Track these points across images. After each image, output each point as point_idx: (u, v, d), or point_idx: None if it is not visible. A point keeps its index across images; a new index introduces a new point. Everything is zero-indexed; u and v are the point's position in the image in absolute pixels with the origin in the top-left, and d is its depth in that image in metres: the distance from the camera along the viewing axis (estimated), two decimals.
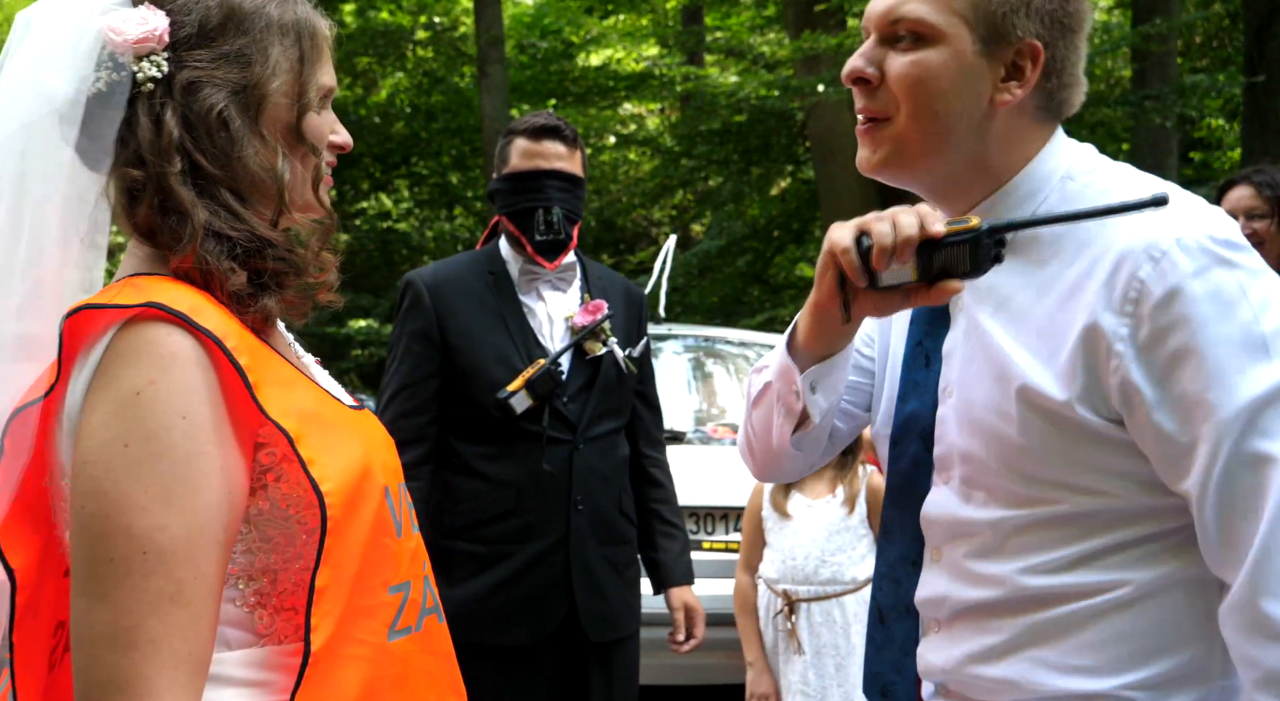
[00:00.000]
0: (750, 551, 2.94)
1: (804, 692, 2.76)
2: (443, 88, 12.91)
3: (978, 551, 1.15)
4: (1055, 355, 1.08)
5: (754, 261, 12.08)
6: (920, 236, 1.08)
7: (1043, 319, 1.10)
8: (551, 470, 2.24)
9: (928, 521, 1.21)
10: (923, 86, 1.13)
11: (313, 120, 1.07)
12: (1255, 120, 7.80)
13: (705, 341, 5.47)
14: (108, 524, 0.90)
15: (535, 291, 2.37)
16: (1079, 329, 1.07)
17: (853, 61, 1.17)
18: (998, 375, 1.12)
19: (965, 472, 1.16)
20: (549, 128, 2.31)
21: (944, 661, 1.19)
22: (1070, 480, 1.09)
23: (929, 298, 1.11)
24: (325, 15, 1.12)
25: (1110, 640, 1.09)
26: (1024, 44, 1.13)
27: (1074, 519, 1.10)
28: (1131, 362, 1.04)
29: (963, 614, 1.17)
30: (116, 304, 0.94)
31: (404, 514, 1.08)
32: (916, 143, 1.15)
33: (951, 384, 1.18)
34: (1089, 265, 1.08)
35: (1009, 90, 1.14)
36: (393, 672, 1.01)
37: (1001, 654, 1.14)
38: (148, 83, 1.00)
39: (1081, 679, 1.09)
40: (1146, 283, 1.03)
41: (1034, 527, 1.12)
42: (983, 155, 1.16)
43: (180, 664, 0.90)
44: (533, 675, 2.24)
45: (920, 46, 1.13)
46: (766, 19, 12.62)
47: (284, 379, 1.01)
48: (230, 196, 1.02)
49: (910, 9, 1.13)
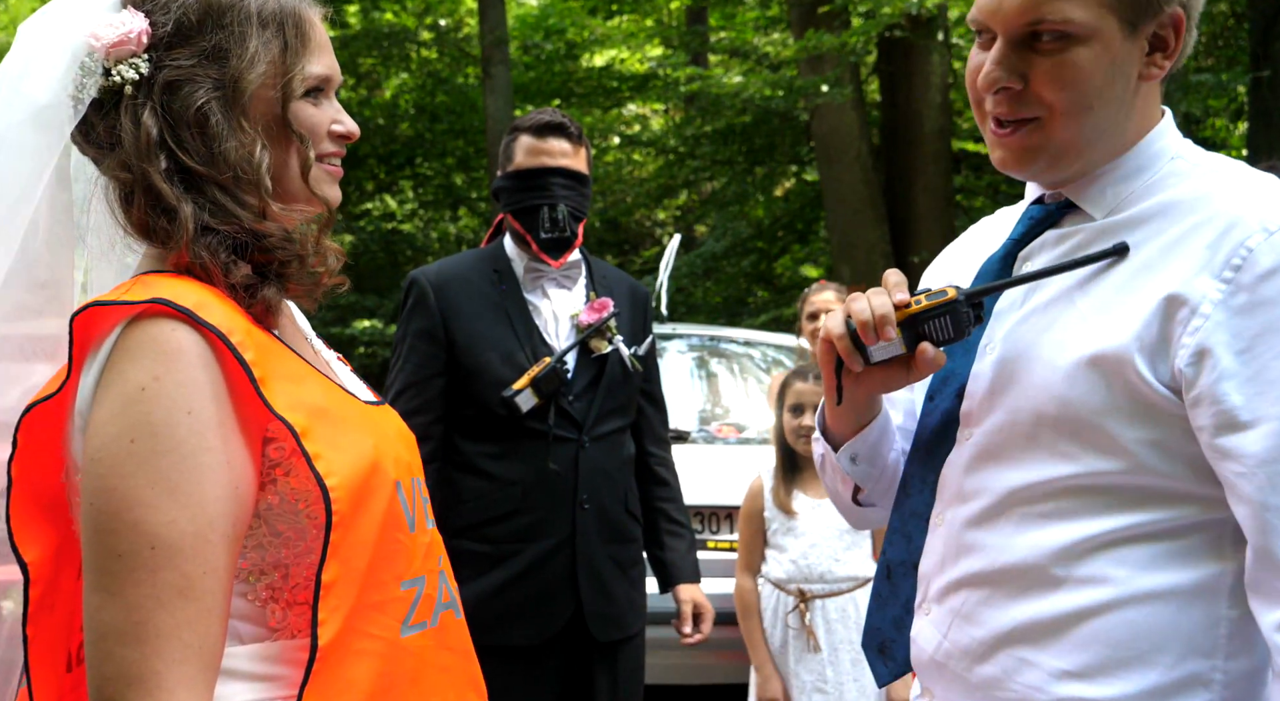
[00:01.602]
0: (750, 553, 2.92)
1: (821, 690, 2.75)
2: (447, 88, 12.92)
3: (979, 516, 1.13)
4: (1125, 310, 1.06)
5: (758, 262, 12.08)
6: (896, 305, 1.14)
7: (1119, 280, 1.08)
8: (557, 468, 2.24)
9: (944, 480, 1.19)
10: (1078, 87, 1.09)
11: (301, 109, 1.07)
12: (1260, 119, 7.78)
13: (710, 341, 5.47)
14: (115, 519, 0.91)
15: (540, 289, 2.37)
16: (1162, 288, 1.04)
17: (991, 72, 1.11)
18: (1054, 328, 1.10)
19: (991, 430, 1.13)
20: (554, 125, 2.31)
21: (932, 654, 1.17)
22: (1108, 444, 1.05)
23: (917, 367, 1.16)
24: (317, 3, 1.12)
25: (1102, 642, 1.06)
26: (1172, 14, 1.10)
27: (1099, 491, 1.07)
28: (1217, 327, 1.01)
29: (955, 588, 1.15)
30: (124, 300, 0.96)
31: (418, 509, 1.08)
32: (1073, 140, 1.11)
33: (996, 340, 1.16)
34: (1185, 232, 1.06)
35: (1156, 63, 1.11)
36: (406, 668, 1.02)
37: (990, 649, 1.11)
38: (127, 86, 1.01)
39: (1072, 683, 1.06)
40: (1255, 252, 1.01)
41: (1052, 496, 1.08)
42: (1124, 132, 1.14)
43: (191, 657, 0.91)
44: (538, 674, 2.24)
45: (1068, 45, 1.08)
46: (770, 19, 12.61)
47: (292, 374, 1.02)
48: (218, 191, 1.03)
49: (1055, 9, 1.07)
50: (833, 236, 9.65)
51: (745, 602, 2.89)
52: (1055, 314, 1.12)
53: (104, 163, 1.04)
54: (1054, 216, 1.19)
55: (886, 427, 1.32)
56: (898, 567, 1.25)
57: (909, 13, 7.98)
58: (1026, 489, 1.10)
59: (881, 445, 1.31)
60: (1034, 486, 1.10)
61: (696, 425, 4.75)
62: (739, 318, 10.67)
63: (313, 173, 1.08)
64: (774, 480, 2.91)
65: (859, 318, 1.14)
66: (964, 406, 1.18)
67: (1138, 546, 1.06)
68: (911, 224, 9.27)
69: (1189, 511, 1.06)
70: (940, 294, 1.14)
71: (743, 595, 2.90)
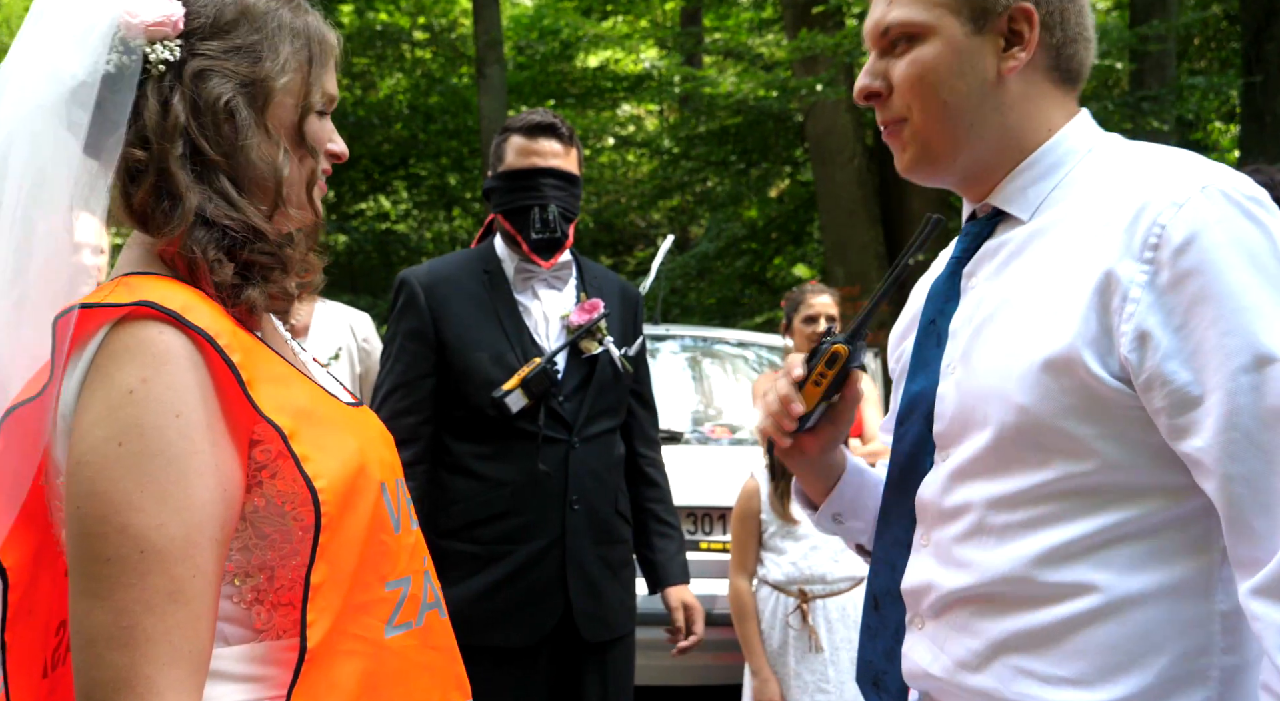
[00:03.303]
0: (745, 556, 2.90)
1: (822, 690, 2.75)
2: (441, 88, 12.91)
3: (965, 534, 1.13)
4: (1065, 309, 1.06)
5: (752, 263, 12.09)
6: (793, 381, 1.27)
7: (1052, 275, 1.10)
8: (547, 469, 2.23)
9: (922, 504, 1.20)
10: (924, 81, 1.16)
11: (314, 123, 1.10)
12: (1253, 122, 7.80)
13: (703, 341, 5.46)
14: (104, 523, 0.90)
15: (531, 290, 2.36)
16: (1092, 280, 1.04)
17: (860, 81, 1.21)
18: (1004, 338, 1.11)
19: (963, 448, 1.14)
20: (545, 125, 2.30)
21: (928, 667, 1.17)
22: (1072, 446, 1.06)
23: (845, 403, 1.29)
24: (331, 26, 1.15)
25: (1098, 648, 1.05)
26: (1013, 9, 1.15)
27: (1073, 494, 1.07)
28: (1149, 309, 1.01)
29: (948, 605, 1.15)
30: (109, 303, 0.95)
31: (402, 510, 1.08)
32: (938, 135, 1.18)
33: (955, 360, 1.17)
34: (1104, 219, 1.07)
35: (1013, 57, 1.16)
36: (391, 667, 1.02)
37: (985, 659, 1.11)
38: (159, 66, 1.01)
39: (1070, 690, 1.06)
40: (1168, 228, 1.01)
41: (1028, 503, 1.09)
42: (1004, 127, 1.17)
43: (180, 661, 0.91)
44: (528, 675, 2.23)
45: (913, 46, 1.16)
46: (765, 20, 12.63)
47: (278, 376, 1.01)
48: (228, 184, 1.04)
49: (894, 15, 1.16)
50: (826, 237, 9.66)
51: (741, 605, 2.87)
52: (1002, 323, 1.13)
53: (112, 140, 1.02)
54: (987, 228, 1.22)
55: (863, 482, 1.36)
56: (884, 597, 1.26)
57: None
58: (1004, 500, 1.10)
59: (860, 498, 1.36)
60: (1011, 497, 1.10)
61: (690, 426, 4.75)
62: (732, 318, 10.67)
63: (315, 186, 1.11)
64: (769, 486, 2.90)
65: (767, 411, 1.29)
66: (935, 428, 1.19)
67: (1118, 549, 1.06)
68: (905, 225, 9.28)
69: (1161, 505, 1.06)
70: (832, 357, 1.25)
71: (739, 597, 2.88)
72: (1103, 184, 1.12)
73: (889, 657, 1.24)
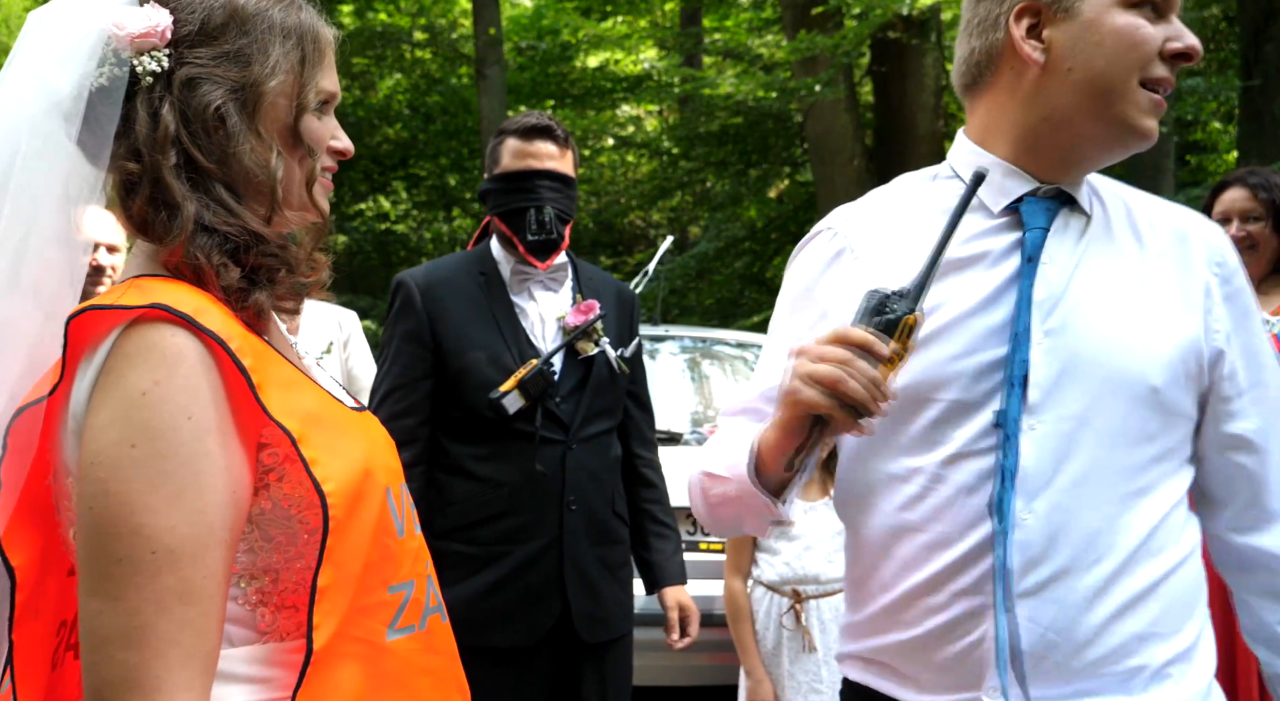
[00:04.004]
0: (739, 556, 2.91)
1: (815, 690, 2.75)
2: (441, 89, 12.92)
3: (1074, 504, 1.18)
4: (1183, 302, 1.24)
5: (751, 263, 12.09)
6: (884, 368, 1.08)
7: (1148, 268, 1.25)
8: (544, 470, 2.24)
9: (1024, 474, 1.16)
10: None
11: (310, 122, 1.09)
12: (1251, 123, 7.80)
13: (702, 342, 5.47)
14: (116, 524, 0.91)
15: (527, 291, 2.36)
16: (1198, 281, 1.25)
17: (1191, 40, 1.21)
18: (1121, 319, 1.21)
19: (1068, 417, 1.18)
20: (540, 127, 2.31)
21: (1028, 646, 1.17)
22: (1177, 418, 1.22)
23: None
24: (329, 22, 1.14)
25: (1170, 599, 1.19)
26: None
27: (1167, 457, 1.21)
28: (1225, 313, 1.26)
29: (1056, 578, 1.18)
30: (121, 305, 0.95)
31: (405, 514, 1.09)
32: None
33: (1055, 326, 1.20)
34: (1154, 227, 1.29)
35: None
36: (393, 670, 1.02)
37: (1099, 631, 1.17)
38: (147, 77, 1.01)
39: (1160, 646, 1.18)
40: (1222, 250, 1.28)
41: (1138, 473, 1.19)
42: None
43: (191, 661, 0.91)
44: (526, 676, 2.24)
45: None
46: (764, 21, 12.63)
47: (287, 380, 1.02)
48: (224, 192, 1.04)
49: None
50: None
51: (736, 606, 2.88)
52: (1118, 299, 1.22)
53: (105, 153, 1.03)
54: (1054, 209, 1.27)
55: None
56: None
57: (902, 14, 8.00)
58: (1120, 471, 1.18)
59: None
60: (1127, 467, 1.18)
61: (689, 427, 4.75)
62: (732, 319, 10.68)
63: (315, 184, 1.10)
64: None
65: (856, 398, 1.07)
66: (1030, 397, 1.17)
67: (1182, 508, 1.23)
68: None
69: (1190, 469, 1.26)
70: (907, 328, 1.08)
71: (734, 598, 2.89)
72: (1120, 197, 1.32)
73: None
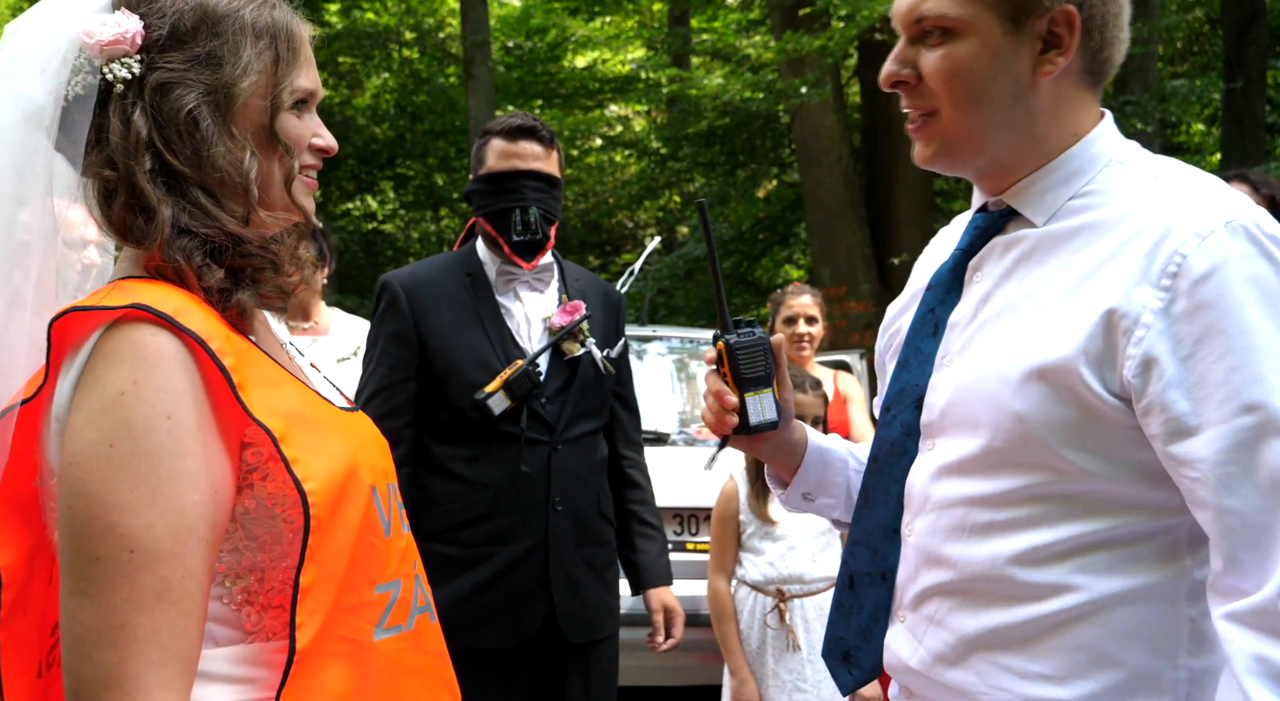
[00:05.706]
0: (724, 556, 2.92)
1: (799, 689, 2.76)
2: (428, 89, 12.90)
3: (947, 528, 1.14)
4: (1071, 324, 1.07)
5: (739, 264, 12.12)
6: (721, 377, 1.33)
7: (1063, 289, 1.10)
8: (530, 471, 2.23)
9: (910, 492, 1.20)
10: (957, 79, 1.13)
11: (288, 121, 1.09)
12: (1234, 125, 7.86)
13: (690, 343, 5.47)
14: (94, 524, 0.91)
15: (513, 292, 2.36)
16: (1103, 301, 1.05)
17: (887, 67, 1.18)
18: (1004, 341, 1.12)
19: (951, 443, 1.15)
20: (525, 128, 2.31)
21: (907, 660, 1.19)
22: (1061, 456, 1.07)
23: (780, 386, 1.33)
24: (308, 19, 1.14)
25: (1072, 647, 1.08)
26: (1056, 11, 1.11)
27: (1056, 499, 1.08)
28: (1159, 335, 1.02)
29: (926, 598, 1.17)
30: (102, 306, 0.96)
31: (393, 513, 1.09)
32: (965, 133, 1.16)
33: (952, 353, 1.18)
34: (1123, 241, 1.08)
35: (1050, 61, 1.13)
36: (380, 670, 1.02)
37: (962, 654, 1.13)
38: (119, 84, 1.02)
39: (1044, 686, 1.08)
40: (1189, 258, 1.02)
41: (1011, 505, 1.10)
42: (1032, 129, 1.15)
43: (169, 661, 0.91)
44: (512, 677, 2.23)
45: (948, 40, 1.13)
46: (752, 21, 12.65)
47: (269, 379, 1.02)
48: (201, 194, 1.04)
49: (929, 6, 1.13)
50: (813, 238, 9.69)
51: (720, 606, 2.88)
52: (1005, 325, 1.13)
53: (84, 160, 1.04)
54: (998, 224, 1.21)
55: (826, 461, 1.38)
56: (862, 578, 1.26)
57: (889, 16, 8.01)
58: (987, 499, 1.12)
59: (827, 475, 1.37)
60: (994, 496, 1.11)
61: (676, 427, 4.76)
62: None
63: (295, 183, 1.10)
64: (748, 488, 2.91)
65: (705, 419, 1.35)
66: (924, 418, 1.19)
67: (1096, 554, 1.08)
68: (892, 226, 9.31)
69: (1141, 518, 1.08)
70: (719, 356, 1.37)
71: (718, 598, 2.89)
72: (1124, 202, 1.11)
73: (864, 636, 1.25)
